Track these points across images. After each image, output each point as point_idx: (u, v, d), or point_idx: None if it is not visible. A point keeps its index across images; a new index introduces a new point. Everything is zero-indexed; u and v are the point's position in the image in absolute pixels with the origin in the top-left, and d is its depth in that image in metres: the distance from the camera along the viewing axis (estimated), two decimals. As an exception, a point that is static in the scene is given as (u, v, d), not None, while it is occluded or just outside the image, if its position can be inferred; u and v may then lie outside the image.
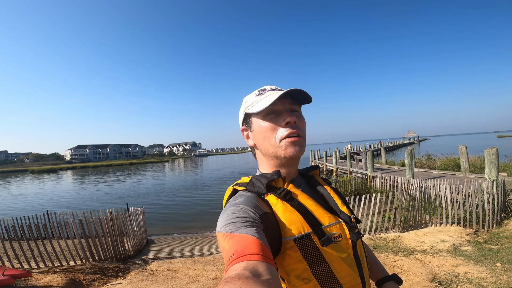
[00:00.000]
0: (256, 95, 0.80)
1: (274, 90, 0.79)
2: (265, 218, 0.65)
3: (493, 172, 6.81)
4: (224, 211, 0.67)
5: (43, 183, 36.51)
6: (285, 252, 0.66)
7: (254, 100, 0.79)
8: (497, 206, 5.61)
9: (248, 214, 0.63)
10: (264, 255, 0.51)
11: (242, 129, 0.86)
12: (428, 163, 15.91)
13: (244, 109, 0.83)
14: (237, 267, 0.48)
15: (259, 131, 0.78)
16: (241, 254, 0.50)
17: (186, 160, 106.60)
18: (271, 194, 0.72)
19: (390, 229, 5.90)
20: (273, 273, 0.48)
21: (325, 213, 0.73)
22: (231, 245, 0.55)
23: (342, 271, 0.68)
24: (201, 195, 18.07)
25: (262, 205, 0.69)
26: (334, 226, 0.71)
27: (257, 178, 0.76)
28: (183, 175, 36.92)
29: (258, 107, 0.75)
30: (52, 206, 16.64)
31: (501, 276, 3.22)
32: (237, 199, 0.71)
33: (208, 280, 3.98)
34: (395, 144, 56.78)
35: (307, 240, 0.66)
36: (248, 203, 0.67)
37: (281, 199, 0.71)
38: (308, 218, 0.69)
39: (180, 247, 6.97)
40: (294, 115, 0.75)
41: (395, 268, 3.86)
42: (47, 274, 4.15)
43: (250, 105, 0.80)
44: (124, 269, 4.72)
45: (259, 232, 0.58)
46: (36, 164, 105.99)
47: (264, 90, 0.80)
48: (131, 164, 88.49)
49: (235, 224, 0.59)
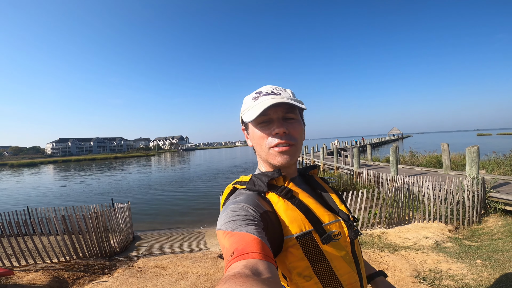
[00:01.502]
0: (252, 98, 0.80)
1: (269, 95, 0.78)
2: (265, 216, 0.66)
3: (474, 170, 7.06)
4: (225, 209, 0.68)
5: (23, 178, 35.32)
6: (287, 250, 0.67)
7: (249, 106, 0.79)
8: (477, 203, 5.83)
9: (249, 212, 0.63)
10: (264, 254, 0.51)
11: (242, 128, 0.88)
12: (412, 160, 16.36)
13: (241, 113, 0.84)
14: (237, 266, 0.48)
15: (253, 137, 0.80)
16: (241, 253, 0.51)
17: (173, 154, 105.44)
18: (272, 192, 0.73)
19: (376, 225, 6.05)
20: (273, 272, 0.49)
21: (325, 212, 0.74)
22: (231, 243, 0.55)
23: (342, 268, 0.70)
24: (188, 190, 17.95)
25: (263, 204, 0.70)
26: (333, 224, 0.73)
27: (257, 176, 0.77)
28: (170, 169, 36.54)
29: (249, 117, 0.75)
30: (33, 202, 16.12)
31: (482, 273, 3.34)
32: (237, 197, 0.72)
33: (197, 277, 3.96)
34: (380, 140, 57.97)
35: (308, 238, 0.67)
36: (249, 201, 0.68)
37: (283, 197, 0.72)
38: (309, 216, 0.70)
39: (167, 243, 6.92)
40: (284, 125, 0.75)
41: (381, 264, 3.95)
42: (29, 271, 4.02)
43: (245, 110, 0.80)
44: (110, 266, 4.64)
45: (259, 231, 0.58)
46: (15, 158, 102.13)
47: (260, 94, 0.79)
48: (116, 158, 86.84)
49: (236, 222, 0.60)
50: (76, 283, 3.90)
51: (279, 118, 0.75)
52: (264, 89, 0.81)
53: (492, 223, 5.67)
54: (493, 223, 5.64)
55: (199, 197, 15.02)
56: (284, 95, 0.78)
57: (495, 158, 11.98)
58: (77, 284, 3.89)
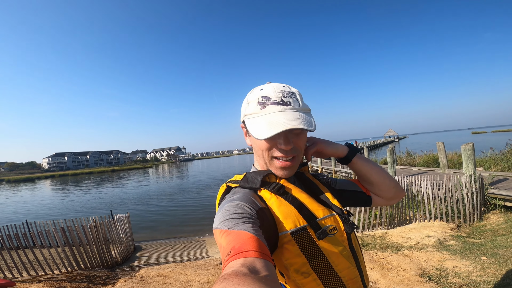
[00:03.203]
0: (258, 103, 0.74)
1: (279, 105, 0.71)
2: (261, 213, 0.66)
3: (470, 167, 7.09)
4: (221, 207, 0.68)
5: (20, 193, 34.89)
6: (282, 246, 0.66)
7: (254, 112, 0.74)
8: (477, 200, 5.85)
9: (245, 210, 0.63)
10: (261, 252, 0.52)
11: (242, 126, 0.84)
12: (409, 160, 16.40)
13: (243, 114, 0.80)
14: (234, 264, 0.48)
15: (255, 143, 0.78)
16: (238, 251, 0.51)
17: (171, 165, 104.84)
18: (264, 189, 0.74)
19: (377, 226, 6.03)
20: (270, 270, 0.49)
21: (318, 206, 0.74)
22: (228, 242, 0.55)
23: (340, 264, 0.70)
24: (187, 200, 17.81)
25: (258, 201, 0.70)
26: (328, 218, 0.73)
27: (251, 174, 0.78)
28: (168, 180, 36.29)
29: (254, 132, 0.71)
30: (31, 216, 15.90)
31: (488, 269, 3.33)
32: (233, 196, 0.72)
33: (200, 285, 3.92)
34: (377, 143, 58.14)
35: (303, 233, 0.67)
36: (245, 199, 0.68)
37: (275, 193, 0.72)
38: (302, 212, 0.70)
39: (169, 253, 6.84)
40: (290, 141, 0.73)
41: (385, 265, 3.93)
42: (31, 283, 3.97)
43: (249, 115, 0.76)
44: (112, 276, 4.58)
45: (256, 229, 0.58)
46: (12, 174, 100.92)
47: (268, 100, 0.73)
48: (113, 171, 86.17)
49: (232, 221, 0.60)
50: (78, 295, 3.84)
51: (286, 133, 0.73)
52: (271, 92, 0.74)
53: (493, 219, 5.68)
54: (495, 219, 5.66)
55: (199, 207, 14.89)
56: (294, 105, 0.73)
57: (491, 155, 12.05)
58: (79, 295, 3.83)
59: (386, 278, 3.49)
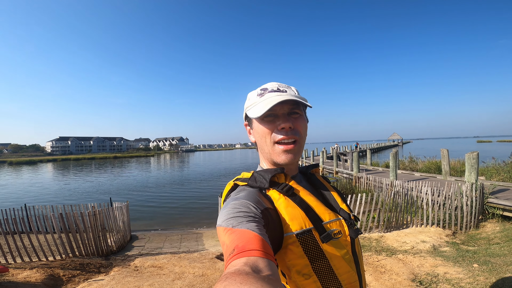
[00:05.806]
0: (257, 95, 0.81)
1: (275, 92, 0.78)
2: (266, 213, 0.66)
3: (473, 176, 7.05)
4: (226, 205, 0.67)
5: (21, 175, 35.24)
6: (287, 247, 0.66)
7: (254, 102, 0.80)
8: (475, 208, 5.83)
9: (250, 209, 0.63)
10: (264, 251, 0.51)
11: (245, 124, 0.88)
12: (411, 165, 16.35)
13: (245, 108, 0.84)
14: (237, 263, 0.48)
15: (257, 132, 0.80)
16: (241, 250, 0.51)
17: (173, 155, 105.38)
18: (273, 189, 0.74)
19: (374, 229, 6.03)
20: (273, 269, 0.49)
21: (325, 210, 0.75)
22: (231, 240, 0.55)
23: (341, 267, 0.70)
24: (187, 191, 17.94)
25: (264, 201, 0.70)
26: (334, 222, 0.73)
27: (259, 173, 0.77)
28: (169, 170, 36.49)
29: (255, 113, 0.76)
30: (31, 199, 16.08)
31: (478, 277, 3.34)
32: (239, 194, 0.72)
33: (194, 277, 3.95)
34: (380, 146, 57.96)
35: (308, 236, 0.67)
36: (250, 198, 0.67)
37: (284, 194, 0.72)
38: (309, 214, 0.70)
39: (165, 243, 6.90)
40: (290, 120, 0.76)
41: (378, 268, 3.94)
42: (25, 269, 4.01)
43: (249, 106, 0.81)
44: (106, 265, 4.62)
45: (260, 228, 0.58)
46: (15, 156, 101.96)
47: (265, 90, 0.80)
48: (115, 158, 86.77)
49: (237, 219, 0.59)
50: (71, 281, 3.88)
51: (285, 114, 0.76)
52: (269, 85, 0.82)
53: (489, 228, 5.66)
54: (491, 228, 5.64)
55: (197, 198, 15.00)
56: (290, 93, 0.79)
57: (494, 165, 11.97)
58: (72, 282, 3.87)
59: (379, 281, 3.51)
